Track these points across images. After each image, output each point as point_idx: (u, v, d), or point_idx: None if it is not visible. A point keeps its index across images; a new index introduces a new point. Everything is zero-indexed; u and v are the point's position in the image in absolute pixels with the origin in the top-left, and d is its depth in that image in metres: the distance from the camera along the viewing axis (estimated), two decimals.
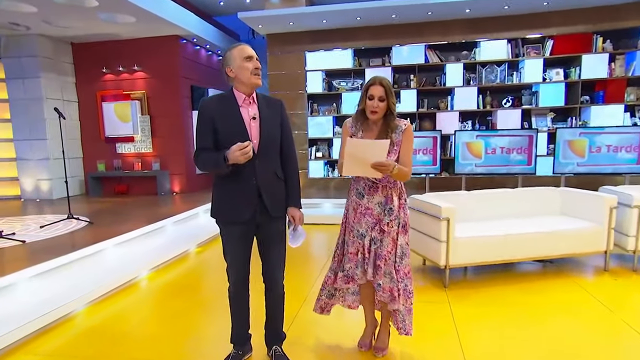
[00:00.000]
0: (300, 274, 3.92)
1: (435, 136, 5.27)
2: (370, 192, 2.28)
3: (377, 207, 2.26)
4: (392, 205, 2.25)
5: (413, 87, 7.40)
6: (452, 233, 3.39)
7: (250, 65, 2.02)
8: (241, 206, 2.10)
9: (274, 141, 2.15)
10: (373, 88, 2.20)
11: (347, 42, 7.53)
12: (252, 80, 2.04)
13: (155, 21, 6.73)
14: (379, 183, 2.26)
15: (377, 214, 2.26)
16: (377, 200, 2.27)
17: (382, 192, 2.26)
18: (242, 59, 2.02)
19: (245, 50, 2.04)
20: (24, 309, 2.96)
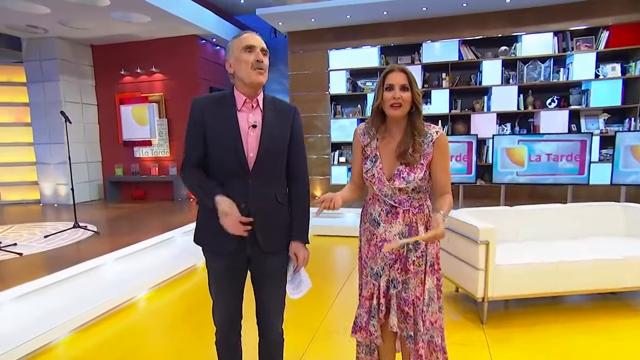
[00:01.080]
0: (311, 300, 3.44)
1: (471, 141, 4.69)
2: (388, 219, 1.77)
3: (397, 239, 1.75)
4: (417, 236, 1.74)
5: (445, 86, 6.78)
6: (493, 259, 2.82)
7: (251, 58, 1.58)
8: (226, 235, 1.64)
9: (278, 156, 1.68)
10: (392, 75, 1.69)
11: (373, 38, 7.00)
12: (252, 76, 1.59)
13: (171, 20, 6.45)
14: (399, 207, 1.75)
15: (398, 249, 1.76)
16: (397, 229, 1.75)
17: (403, 220, 1.75)
18: (240, 49, 1.59)
19: (246, 39, 1.60)
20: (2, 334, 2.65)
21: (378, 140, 1.80)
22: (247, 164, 1.61)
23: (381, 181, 1.74)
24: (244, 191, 1.62)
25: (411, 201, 1.74)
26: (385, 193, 1.75)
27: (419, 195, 1.75)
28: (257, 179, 1.64)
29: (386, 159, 1.77)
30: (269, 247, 1.68)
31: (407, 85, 1.68)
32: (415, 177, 1.70)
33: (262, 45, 1.62)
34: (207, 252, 1.74)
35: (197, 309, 3.51)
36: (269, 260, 1.71)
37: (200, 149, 1.65)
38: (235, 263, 1.70)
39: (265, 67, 1.62)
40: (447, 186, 1.75)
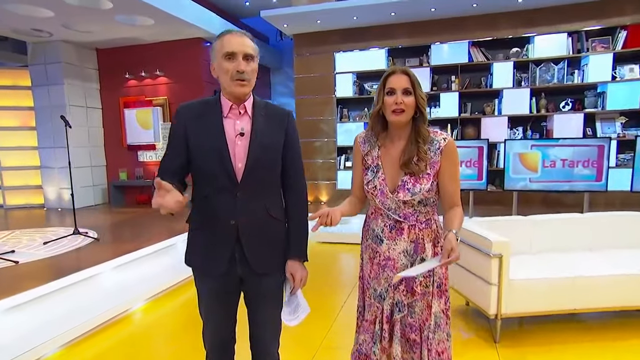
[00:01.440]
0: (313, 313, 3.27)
1: (481, 146, 4.50)
2: (392, 235, 1.61)
3: (402, 258, 1.59)
4: (425, 255, 1.58)
5: (454, 89, 6.60)
6: (506, 274, 2.64)
7: (230, 67, 1.42)
8: (213, 255, 1.51)
9: (270, 166, 1.53)
10: (393, 78, 1.54)
11: (381, 40, 6.85)
12: (232, 88, 1.44)
13: (175, 23, 6.37)
14: (404, 222, 1.59)
15: (402, 268, 1.59)
16: (402, 247, 1.59)
17: (408, 236, 1.59)
18: (221, 55, 1.43)
19: (227, 44, 1.42)
20: None
21: (379, 149, 1.65)
22: (235, 175, 1.47)
23: (384, 193, 1.59)
24: (232, 206, 1.48)
25: (417, 215, 1.58)
26: (389, 206, 1.60)
27: (426, 209, 1.59)
28: (247, 192, 1.49)
29: (389, 169, 1.61)
30: (261, 267, 1.53)
31: (410, 88, 1.52)
32: (421, 189, 1.54)
33: (245, 50, 1.43)
34: (196, 273, 1.60)
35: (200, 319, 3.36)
36: (263, 280, 1.56)
37: (178, 160, 1.51)
38: (226, 284, 1.55)
39: (248, 77, 1.45)
40: (457, 198, 1.59)
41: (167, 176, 1.49)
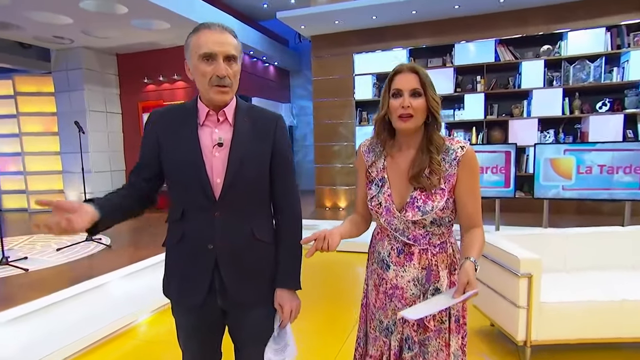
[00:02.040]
0: (324, 332, 3.06)
1: (509, 151, 4.17)
2: (400, 260, 1.37)
3: (411, 287, 1.36)
4: (439, 284, 1.34)
5: (480, 90, 6.26)
6: (537, 296, 2.35)
7: (208, 70, 1.22)
8: (190, 285, 1.32)
9: (253, 181, 1.32)
10: (399, 78, 1.31)
11: (401, 40, 6.58)
12: (210, 94, 1.25)
13: (190, 26, 6.16)
14: (414, 245, 1.35)
15: (412, 299, 1.36)
16: (412, 274, 1.36)
17: (419, 262, 1.35)
18: (197, 56, 1.22)
19: (205, 43, 1.21)
20: None
21: (385, 159, 1.42)
22: (213, 192, 1.27)
23: (390, 211, 1.36)
24: (210, 228, 1.28)
25: (430, 237, 1.34)
26: (396, 227, 1.36)
27: (441, 230, 1.35)
28: (227, 212, 1.29)
29: (396, 182, 1.38)
30: (244, 299, 1.33)
31: (420, 89, 1.29)
32: (434, 207, 1.30)
33: (226, 50, 1.23)
34: (173, 304, 1.41)
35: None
36: (248, 313, 1.36)
37: (146, 172, 1.33)
38: (206, 318, 1.36)
39: (229, 82, 1.25)
40: (477, 217, 1.33)
41: (132, 188, 1.34)
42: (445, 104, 6.43)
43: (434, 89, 1.31)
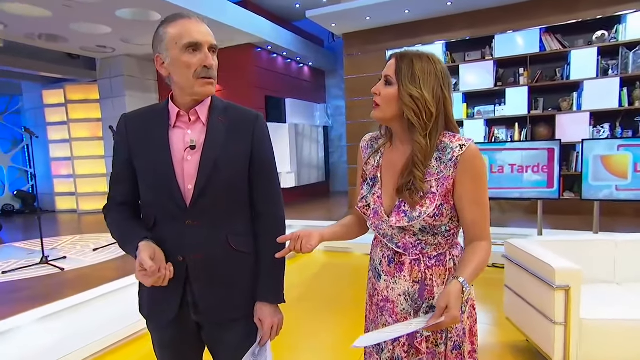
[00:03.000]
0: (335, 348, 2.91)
1: (552, 148, 3.79)
2: (391, 270, 1.20)
3: (402, 302, 1.19)
4: (431, 301, 1.16)
5: (523, 83, 5.83)
6: (576, 311, 2.07)
7: (194, 61, 1.13)
8: (161, 298, 1.23)
9: (228, 186, 1.21)
10: (386, 67, 1.17)
11: (437, 34, 6.28)
12: (196, 87, 1.15)
13: (223, 30, 6.37)
14: (405, 255, 1.18)
15: (404, 315, 1.19)
16: (403, 287, 1.18)
17: (410, 274, 1.17)
18: (180, 47, 1.13)
19: (188, 32, 1.13)
20: None
21: (381, 157, 1.26)
22: (184, 199, 1.17)
23: (378, 215, 1.19)
24: (180, 237, 1.18)
25: (422, 247, 1.16)
26: (384, 232, 1.20)
27: (437, 240, 1.16)
28: (200, 220, 1.18)
29: (388, 183, 1.21)
30: (218, 315, 1.22)
31: (391, 77, 1.13)
32: (422, 213, 1.11)
33: (210, 40, 1.16)
34: (146, 318, 1.32)
35: None
36: (226, 331, 1.25)
37: (127, 182, 1.24)
38: (180, 334, 1.26)
39: (215, 74, 1.17)
40: (480, 228, 1.12)
41: (120, 206, 1.26)
42: (484, 99, 6.07)
43: (417, 82, 1.11)
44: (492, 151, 4.07)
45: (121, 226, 1.24)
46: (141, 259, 1.08)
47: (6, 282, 3.73)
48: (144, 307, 1.29)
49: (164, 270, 1.10)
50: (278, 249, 1.24)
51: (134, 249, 1.13)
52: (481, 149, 3.86)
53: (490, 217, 1.15)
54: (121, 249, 1.23)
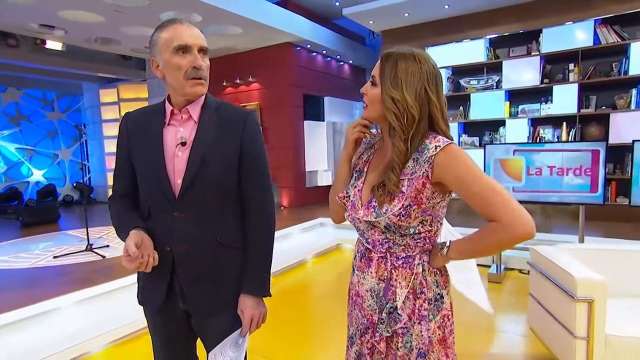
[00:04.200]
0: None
1: (597, 149, 3.50)
2: (362, 265, 1.20)
3: (369, 298, 1.17)
4: (395, 303, 1.13)
5: (573, 80, 5.45)
6: (601, 326, 1.92)
7: (184, 63, 1.20)
8: (151, 284, 1.31)
9: (216, 182, 1.26)
10: (375, 66, 1.16)
11: (478, 29, 6.03)
12: (187, 88, 1.23)
13: (262, 30, 6.51)
14: (373, 250, 1.16)
15: (370, 312, 1.17)
16: (369, 284, 1.17)
17: (376, 271, 1.16)
18: (171, 50, 1.20)
19: (178, 36, 1.20)
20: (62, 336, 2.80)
21: (373, 153, 1.26)
22: (173, 192, 1.24)
23: (354, 207, 1.19)
24: (169, 229, 1.24)
25: (389, 246, 1.13)
26: (358, 226, 1.20)
27: (405, 241, 1.13)
28: (187, 214, 1.25)
29: (371, 179, 1.20)
30: (201, 305, 1.28)
31: (376, 78, 1.12)
32: (388, 211, 1.08)
33: (200, 43, 1.23)
34: (141, 303, 1.40)
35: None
36: (212, 320, 1.30)
37: (126, 179, 1.33)
38: (170, 320, 1.33)
39: (205, 75, 1.24)
40: (490, 211, 1.02)
41: (120, 199, 1.35)
42: (529, 96, 5.75)
43: (399, 85, 1.08)
44: (529, 152, 3.84)
45: (120, 216, 1.32)
46: (127, 245, 1.15)
47: (55, 266, 4.07)
48: (139, 293, 1.37)
49: (146, 257, 1.16)
50: (266, 244, 1.30)
51: (125, 236, 1.20)
52: (517, 149, 3.67)
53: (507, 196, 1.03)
54: (118, 236, 1.31)
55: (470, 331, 2.97)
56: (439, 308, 1.15)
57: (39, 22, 5.74)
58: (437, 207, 1.13)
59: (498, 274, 3.99)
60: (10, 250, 4.99)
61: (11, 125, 9.34)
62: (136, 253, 1.13)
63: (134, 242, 1.15)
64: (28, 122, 9.61)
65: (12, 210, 8.07)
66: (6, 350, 2.62)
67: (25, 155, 9.55)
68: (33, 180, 9.64)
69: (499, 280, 3.95)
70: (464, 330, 3.00)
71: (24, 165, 9.54)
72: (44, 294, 3.12)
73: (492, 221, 1.04)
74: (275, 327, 3.17)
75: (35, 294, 3.13)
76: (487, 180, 1.05)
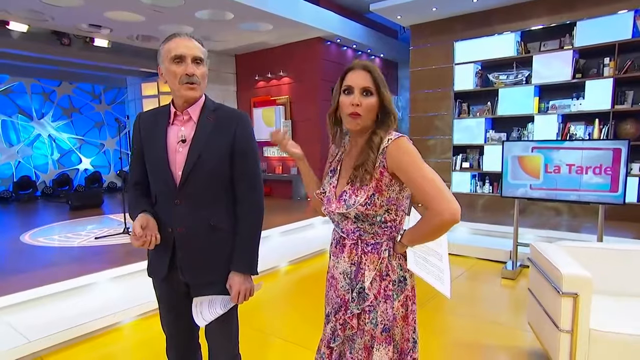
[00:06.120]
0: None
1: (619, 148, 3.41)
2: (336, 251, 1.38)
3: (342, 279, 1.35)
4: (364, 284, 1.29)
5: (607, 74, 5.25)
6: (585, 320, 1.98)
7: (179, 70, 1.40)
8: (157, 258, 1.54)
9: (210, 175, 1.47)
10: (351, 75, 1.29)
11: (510, 23, 5.90)
12: (182, 91, 1.43)
13: (292, 26, 6.70)
14: (347, 238, 1.34)
15: (342, 292, 1.35)
16: (342, 267, 1.35)
17: (349, 255, 1.33)
18: (169, 59, 1.41)
19: (175, 47, 1.40)
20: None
21: (342, 155, 1.43)
22: (174, 183, 1.45)
23: (329, 202, 1.37)
24: (171, 214, 1.47)
25: (360, 233, 1.31)
26: (333, 218, 1.38)
27: (373, 230, 1.29)
28: (186, 200, 1.46)
29: (344, 175, 1.37)
30: (197, 278, 1.50)
31: (371, 87, 1.26)
32: (356, 201, 1.26)
33: (193, 53, 1.41)
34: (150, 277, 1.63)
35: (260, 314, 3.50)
36: (206, 289, 1.51)
37: (138, 169, 1.56)
38: (172, 289, 1.55)
39: (198, 80, 1.43)
40: (426, 199, 1.18)
41: (134, 186, 1.58)
42: (560, 92, 5.60)
43: (387, 89, 1.28)
44: (548, 149, 3.81)
45: (132, 201, 1.57)
46: (133, 226, 1.39)
47: (96, 246, 4.50)
48: (148, 266, 1.61)
49: (149, 237, 1.39)
50: (254, 229, 1.51)
51: (135, 218, 1.44)
52: (536, 146, 3.66)
53: (439, 187, 1.18)
54: (131, 219, 1.56)
55: (473, 324, 3.05)
56: (402, 289, 1.31)
57: (88, 22, 6.23)
58: (399, 197, 1.29)
59: (513, 270, 4.00)
60: (61, 230, 5.52)
61: (64, 117, 10.13)
62: (141, 233, 1.36)
63: (139, 223, 1.38)
64: (79, 113, 10.37)
65: (63, 194, 8.83)
66: (54, 315, 3.02)
67: (76, 144, 10.33)
68: (82, 167, 10.42)
69: (513, 277, 3.97)
70: (467, 323, 3.10)
71: (74, 154, 10.33)
72: (85, 269, 3.52)
73: (427, 209, 1.20)
74: (293, 312, 3.40)
75: (79, 269, 3.54)
76: (426, 171, 1.20)
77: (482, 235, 5.14)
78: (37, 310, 3.06)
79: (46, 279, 3.26)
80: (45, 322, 2.89)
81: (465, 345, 2.74)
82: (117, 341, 2.92)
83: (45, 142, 9.83)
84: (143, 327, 3.10)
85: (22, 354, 2.60)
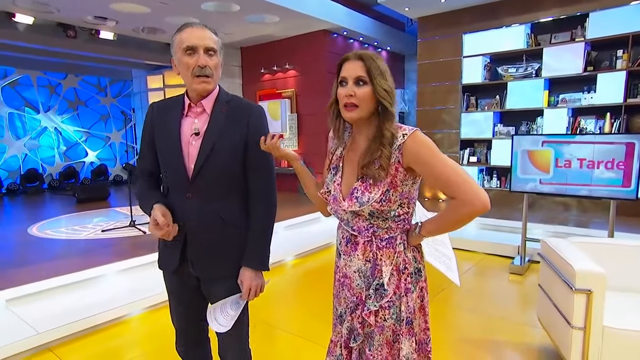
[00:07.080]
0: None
1: (632, 142, 3.34)
2: (347, 249, 1.34)
3: (357, 278, 1.31)
4: (381, 280, 1.26)
5: (620, 67, 5.16)
6: (598, 317, 1.95)
7: (191, 62, 1.35)
8: (168, 251, 1.52)
9: (223, 168, 1.43)
10: (345, 66, 1.26)
11: (519, 15, 5.81)
12: (194, 84, 1.38)
13: (299, 17, 6.63)
14: (359, 236, 1.30)
15: (358, 290, 1.31)
16: (357, 265, 1.31)
17: (363, 253, 1.29)
18: (181, 50, 1.36)
19: (187, 38, 1.36)
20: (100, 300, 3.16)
21: (344, 149, 1.38)
22: (187, 176, 1.42)
23: (336, 200, 1.33)
24: (182, 207, 1.44)
25: (374, 230, 1.27)
26: (342, 216, 1.34)
27: (387, 225, 1.26)
28: (198, 194, 1.43)
29: (348, 173, 1.33)
30: (207, 272, 1.48)
31: (365, 77, 1.21)
32: (370, 198, 1.22)
33: (206, 44, 1.36)
34: (160, 269, 1.61)
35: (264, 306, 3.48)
36: (216, 284, 1.49)
37: (148, 159, 1.53)
38: (183, 282, 1.53)
39: (210, 72, 1.38)
40: (451, 190, 1.16)
41: (143, 176, 1.56)
42: (570, 85, 5.51)
43: (385, 77, 1.23)
44: (559, 144, 3.75)
45: (143, 192, 1.54)
46: (155, 215, 1.35)
47: (103, 239, 4.51)
48: (159, 259, 1.59)
49: (170, 227, 1.37)
50: (266, 224, 1.47)
51: (149, 208, 1.41)
52: (546, 140, 3.61)
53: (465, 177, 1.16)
54: (140, 209, 1.53)
55: (481, 319, 3.03)
56: (418, 280, 1.30)
57: (93, 14, 6.20)
58: (411, 190, 1.26)
59: (521, 265, 3.96)
60: (68, 223, 5.55)
61: (70, 110, 10.15)
62: (165, 221, 1.34)
63: (161, 213, 1.36)
64: (85, 106, 10.39)
65: (70, 187, 8.87)
66: (62, 307, 3.03)
67: (82, 137, 10.36)
68: (88, 160, 10.46)
69: (521, 272, 3.93)
70: (475, 318, 3.07)
71: (80, 147, 10.36)
72: (92, 262, 3.52)
73: (453, 199, 1.17)
74: (300, 306, 3.40)
75: (86, 262, 3.55)
76: (450, 163, 1.18)
77: (490, 230, 5.09)
78: (45, 302, 3.07)
79: (54, 271, 3.27)
80: (53, 314, 2.90)
81: (473, 340, 2.72)
82: (124, 334, 2.92)
83: (51, 135, 9.86)
84: (151, 320, 3.11)
85: (31, 345, 2.61)
